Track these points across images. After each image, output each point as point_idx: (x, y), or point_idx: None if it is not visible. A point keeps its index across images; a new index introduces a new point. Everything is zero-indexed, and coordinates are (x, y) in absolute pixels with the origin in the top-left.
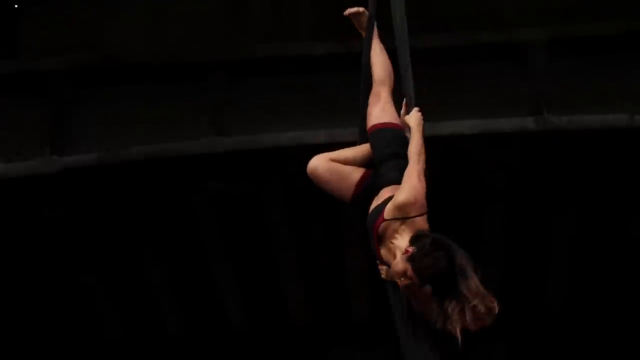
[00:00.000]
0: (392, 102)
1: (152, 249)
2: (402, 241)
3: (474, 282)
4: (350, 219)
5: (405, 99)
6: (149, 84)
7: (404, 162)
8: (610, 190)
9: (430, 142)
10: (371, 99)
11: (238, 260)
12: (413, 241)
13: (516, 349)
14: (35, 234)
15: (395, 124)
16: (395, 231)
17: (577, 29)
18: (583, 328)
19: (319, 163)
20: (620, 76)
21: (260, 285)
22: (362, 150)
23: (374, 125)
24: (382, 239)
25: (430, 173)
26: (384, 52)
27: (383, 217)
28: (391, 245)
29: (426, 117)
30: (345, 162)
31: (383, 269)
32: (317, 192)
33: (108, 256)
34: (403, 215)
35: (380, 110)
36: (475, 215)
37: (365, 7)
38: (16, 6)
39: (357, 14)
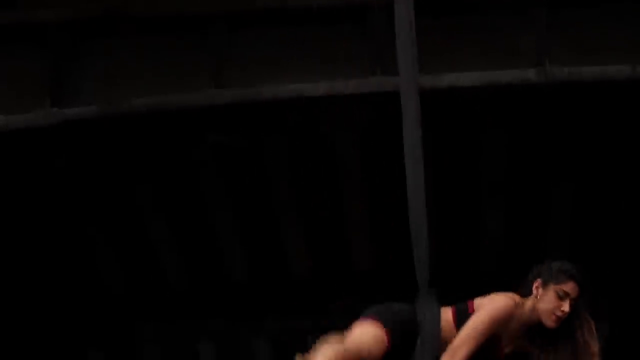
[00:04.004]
0: None
1: (152, 201)
2: None
3: None
4: (350, 169)
5: None
6: (149, 36)
7: None
8: (612, 143)
9: (429, 95)
10: None
11: (238, 212)
12: None
13: None
14: (36, 187)
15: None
16: None
17: None
18: None
19: None
20: (622, 27)
21: (261, 237)
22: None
23: None
24: None
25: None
26: None
27: None
28: None
29: (426, 70)
30: None
31: None
32: (317, 142)
33: (109, 208)
34: None
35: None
36: (475, 170)
37: None
38: None
39: None
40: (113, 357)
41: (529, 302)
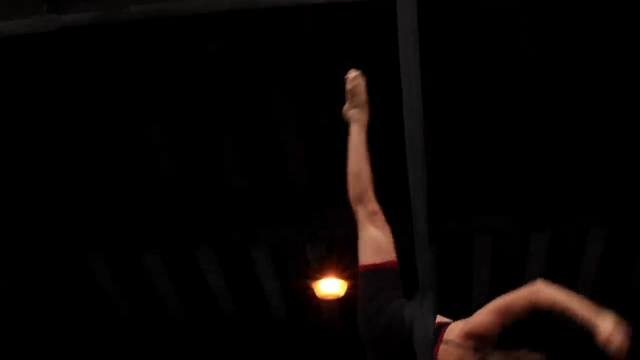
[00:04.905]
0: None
1: (151, 109)
2: None
3: None
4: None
5: None
6: None
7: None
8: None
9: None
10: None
11: (238, 120)
12: None
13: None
14: (33, 95)
15: (381, 263)
16: None
17: None
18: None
19: None
20: None
21: (260, 145)
22: None
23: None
24: None
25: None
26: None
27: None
28: None
29: None
30: None
31: None
32: (315, 51)
33: (108, 116)
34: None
35: (362, 246)
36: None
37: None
38: None
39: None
40: (112, 262)
41: None
